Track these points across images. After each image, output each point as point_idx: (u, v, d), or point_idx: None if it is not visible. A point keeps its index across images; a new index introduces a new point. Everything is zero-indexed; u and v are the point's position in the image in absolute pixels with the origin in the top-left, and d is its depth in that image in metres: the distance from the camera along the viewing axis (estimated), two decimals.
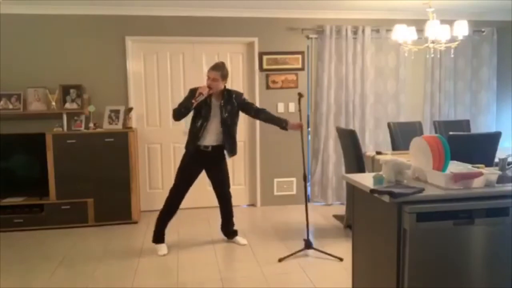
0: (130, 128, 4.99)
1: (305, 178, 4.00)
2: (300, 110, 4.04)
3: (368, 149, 5.40)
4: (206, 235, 4.47)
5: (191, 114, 3.94)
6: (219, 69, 3.88)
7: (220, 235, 4.37)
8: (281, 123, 3.98)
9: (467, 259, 2.33)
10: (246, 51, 5.53)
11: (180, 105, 3.91)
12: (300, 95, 3.97)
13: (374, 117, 5.66)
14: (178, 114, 3.89)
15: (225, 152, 4.02)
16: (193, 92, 3.89)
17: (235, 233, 4.30)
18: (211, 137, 3.94)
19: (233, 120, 3.99)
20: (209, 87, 3.83)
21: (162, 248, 4.04)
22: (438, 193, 2.32)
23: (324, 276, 3.49)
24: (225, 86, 3.97)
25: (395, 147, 4.88)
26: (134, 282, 3.43)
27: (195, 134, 3.92)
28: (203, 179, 4.16)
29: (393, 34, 4.58)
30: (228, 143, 3.98)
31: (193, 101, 3.77)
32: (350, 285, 2.94)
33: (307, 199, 4.09)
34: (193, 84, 4.33)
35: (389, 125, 5.01)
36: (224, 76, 3.91)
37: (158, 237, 4.09)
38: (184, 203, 4.08)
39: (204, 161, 4.02)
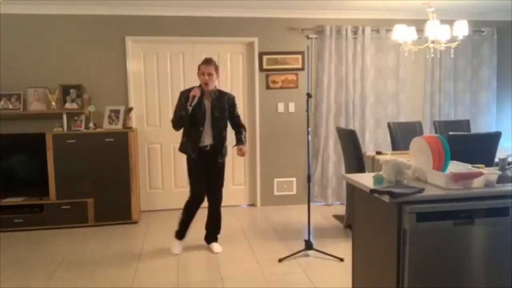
0: (130, 128, 4.99)
1: (309, 179, 4.00)
2: (307, 111, 3.97)
3: (368, 149, 5.40)
4: None
5: None
6: (212, 62, 3.88)
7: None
8: (237, 142, 4.00)
9: (467, 259, 2.33)
10: (246, 51, 5.53)
11: (176, 114, 3.89)
12: (309, 96, 3.95)
13: (374, 117, 5.66)
14: (177, 124, 3.90)
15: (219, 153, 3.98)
16: (184, 94, 3.90)
17: (215, 239, 4.16)
18: (208, 137, 3.93)
19: (223, 121, 3.98)
20: (206, 83, 3.84)
21: (176, 246, 4.04)
22: (438, 193, 2.32)
23: (324, 276, 3.49)
24: (215, 87, 3.97)
25: (395, 147, 4.88)
26: (134, 282, 3.43)
27: (195, 138, 3.89)
28: None
29: (393, 34, 4.58)
30: (219, 144, 3.96)
31: (189, 106, 3.76)
32: (350, 285, 2.93)
33: (309, 200, 4.09)
34: (193, 83, 4.32)
35: (389, 125, 5.01)
36: (217, 69, 3.92)
37: (177, 232, 4.07)
38: (183, 204, 4.06)
39: (205, 160, 3.99)
